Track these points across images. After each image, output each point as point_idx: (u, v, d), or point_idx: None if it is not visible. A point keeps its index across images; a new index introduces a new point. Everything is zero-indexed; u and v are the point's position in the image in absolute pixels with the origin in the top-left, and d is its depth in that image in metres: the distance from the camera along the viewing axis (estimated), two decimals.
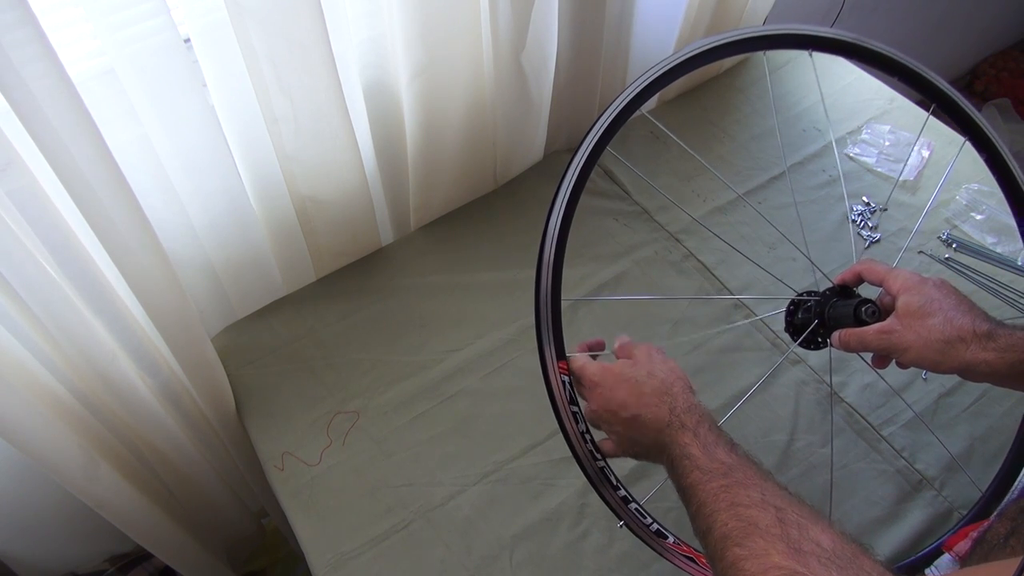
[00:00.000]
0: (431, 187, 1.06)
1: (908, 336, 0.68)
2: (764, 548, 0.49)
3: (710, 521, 0.54)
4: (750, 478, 0.56)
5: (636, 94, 0.72)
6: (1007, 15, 2.42)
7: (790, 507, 0.52)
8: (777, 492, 0.54)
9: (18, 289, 0.68)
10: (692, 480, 0.58)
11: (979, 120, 0.82)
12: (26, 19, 0.55)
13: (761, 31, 0.79)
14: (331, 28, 0.76)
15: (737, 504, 0.54)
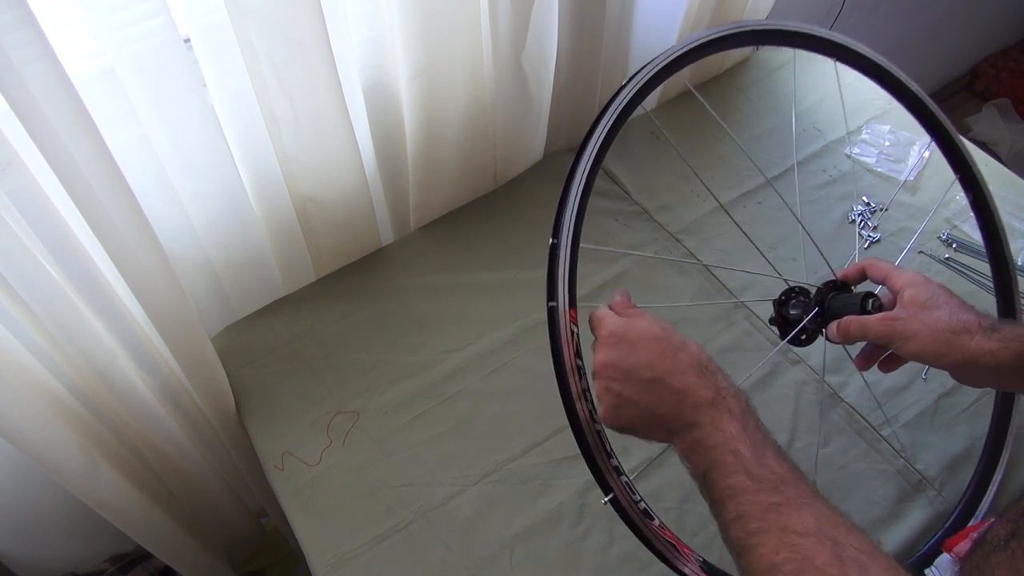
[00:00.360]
0: (431, 187, 1.06)
1: (913, 324, 0.67)
2: None
3: (753, 541, 0.49)
4: (803, 497, 0.51)
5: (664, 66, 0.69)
6: (1007, 15, 2.42)
7: (847, 540, 0.47)
8: (832, 518, 0.49)
9: (18, 288, 0.68)
10: (734, 483, 0.52)
11: (946, 123, 0.87)
12: (26, 19, 0.55)
13: (771, 25, 0.77)
14: (331, 28, 0.76)
15: (789, 530, 0.48)
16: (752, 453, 0.53)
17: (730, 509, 0.52)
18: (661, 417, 0.57)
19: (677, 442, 0.57)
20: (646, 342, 0.59)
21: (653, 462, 0.89)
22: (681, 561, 0.61)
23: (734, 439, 0.53)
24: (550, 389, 0.60)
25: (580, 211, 0.64)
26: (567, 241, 0.63)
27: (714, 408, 0.55)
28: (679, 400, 0.56)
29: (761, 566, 0.48)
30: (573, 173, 0.65)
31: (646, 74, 0.69)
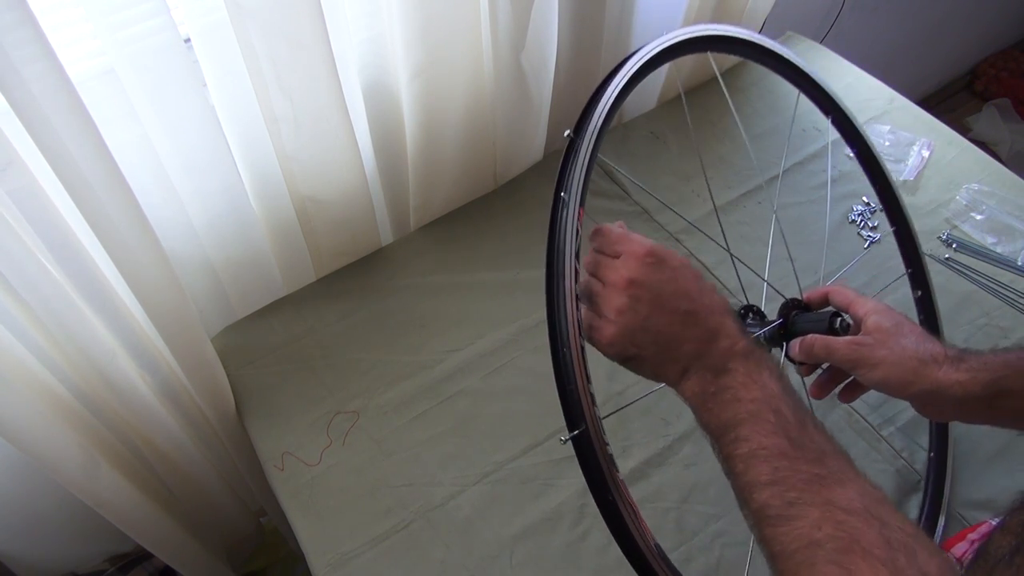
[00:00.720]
0: (431, 187, 1.06)
1: (880, 351, 0.64)
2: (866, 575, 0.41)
3: (792, 512, 0.45)
4: (847, 472, 0.47)
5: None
6: (1007, 15, 2.42)
7: (893, 521, 0.44)
8: (877, 497, 0.46)
9: (18, 288, 0.68)
10: (773, 445, 0.48)
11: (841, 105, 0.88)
12: (26, 19, 0.55)
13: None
14: (331, 28, 0.76)
15: (834, 504, 0.45)
16: (795, 417, 0.49)
17: (762, 471, 0.47)
18: (682, 353, 0.52)
19: (692, 383, 0.53)
20: (685, 273, 0.54)
21: (653, 462, 0.89)
22: (639, 532, 0.55)
23: (776, 397, 0.49)
24: (550, 389, 0.60)
25: (609, 115, 0.62)
26: (590, 139, 0.60)
27: (752, 359, 0.51)
28: (710, 340, 0.52)
29: (799, 541, 0.44)
30: (606, 83, 0.63)
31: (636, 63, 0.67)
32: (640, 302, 0.53)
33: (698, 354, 0.52)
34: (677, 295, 0.53)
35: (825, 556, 0.43)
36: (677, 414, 0.92)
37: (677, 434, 0.91)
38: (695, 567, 0.82)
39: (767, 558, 0.47)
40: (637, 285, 0.53)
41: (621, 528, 0.54)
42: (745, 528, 0.85)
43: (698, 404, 0.53)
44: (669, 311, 0.52)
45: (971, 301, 1.03)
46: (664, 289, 0.53)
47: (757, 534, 0.48)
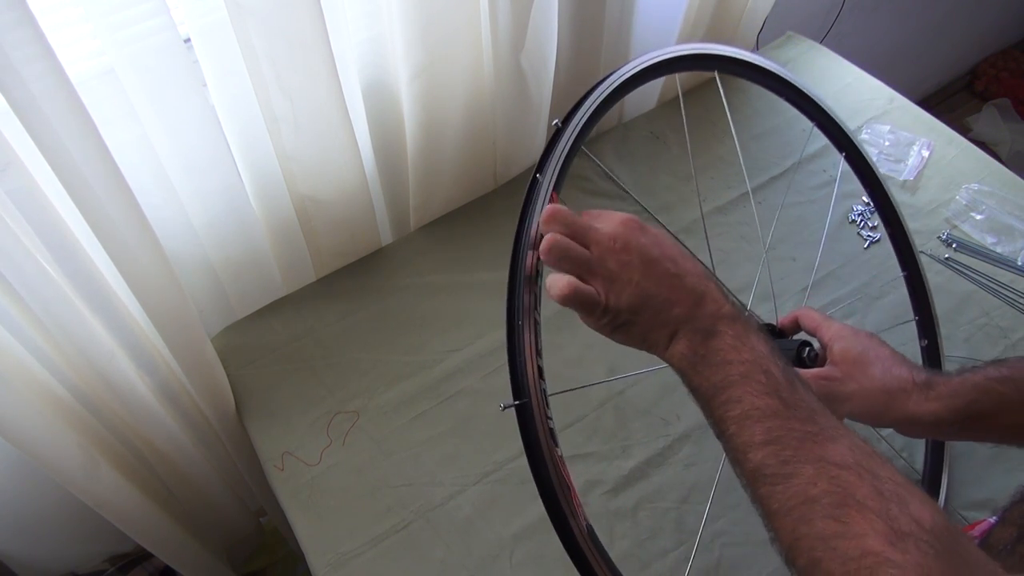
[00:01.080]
0: (431, 187, 1.06)
1: (850, 385, 0.65)
2: (862, 527, 0.43)
3: (788, 470, 0.46)
4: (838, 429, 0.48)
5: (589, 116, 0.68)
6: (1007, 15, 2.42)
7: (884, 473, 0.45)
8: (867, 451, 0.47)
9: (17, 288, 0.68)
10: (765, 405, 0.48)
11: (857, 143, 0.88)
12: (26, 19, 0.55)
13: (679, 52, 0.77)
14: (331, 28, 0.76)
15: (827, 460, 0.46)
16: (784, 377, 0.49)
17: (755, 431, 0.48)
18: (671, 317, 0.52)
19: (681, 346, 0.52)
20: (666, 239, 0.55)
21: (653, 462, 0.89)
22: (571, 511, 0.55)
23: (765, 358, 0.50)
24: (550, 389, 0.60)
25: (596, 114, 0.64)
26: (575, 127, 0.62)
27: (740, 322, 0.52)
28: (697, 302, 0.52)
29: (795, 499, 0.45)
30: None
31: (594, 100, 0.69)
32: (631, 266, 0.53)
33: (687, 317, 0.52)
34: (664, 259, 0.53)
35: (821, 511, 0.44)
36: (677, 414, 0.92)
37: (677, 434, 0.91)
38: (695, 567, 0.82)
39: (763, 516, 0.48)
40: (626, 250, 0.53)
41: (554, 505, 0.55)
42: (745, 528, 0.86)
43: (687, 367, 0.53)
44: (658, 274, 0.53)
45: (971, 301, 1.03)
46: (651, 252, 0.53)
47: (752, 493, 0.49)
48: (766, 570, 0.82)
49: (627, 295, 0.53)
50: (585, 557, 0.56)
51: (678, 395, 0.93)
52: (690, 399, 0.54)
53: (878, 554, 0.41)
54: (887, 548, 0.41)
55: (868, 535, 0.42)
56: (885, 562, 0.41)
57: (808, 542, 0.44)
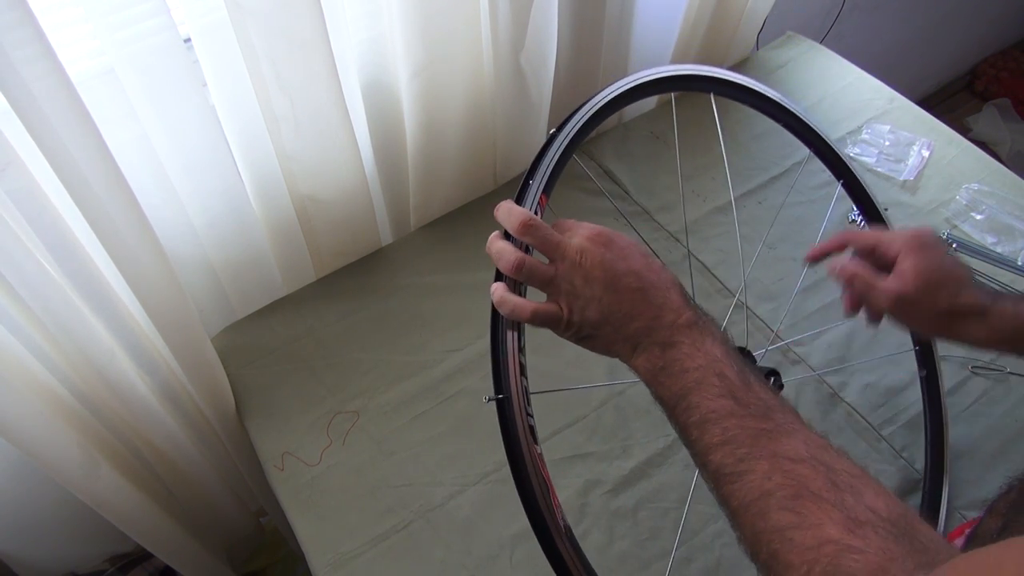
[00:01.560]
0: (431, 187, 1.06)
1: (920, 305, 0.67)
2: (818, 517, 0.43)
3: (743, 467, 0.47)
4: (793, 424, 0.49)
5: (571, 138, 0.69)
6: (1007, 15, 2.42)
7: (839, 465, 0.46)
8: (822, 444, 0.48)
9: (17, 288, 0.68)
10: (720, 407, 0.49)
11: (853, 168, 0.86)
12: (26, 19, 0.55)
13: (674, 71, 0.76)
14: (331, 27, 0.76)
15: (781, 455, 0.47)
16: (739, 378, 0.50)
17: (714, 433, 0.49)
18: (631, 331, 0.54)
19: (643, 360, 0.54)
20: (633, 252, 0.56)
21: (653, 462, 0.89)
22: (549, 509, 0.56)
23: (719, 362, 0.51)
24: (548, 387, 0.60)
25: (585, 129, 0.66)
26: (567, 135, 0.64)
27: (696, 329, 0.53)
28: (656, 316, 0.53)
29: (751, 493, 0.46)
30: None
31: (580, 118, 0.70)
32: (593, 282, 0.54)
33: (647, 330, 0.53)
34: (628, 274, 0.54)
35: (777, 503, 0.45)
36: None
37: None
38: (695, 567, 0.82)
39: (728, 517, 0.49)
40: (591, 265, 0.54)
41: (532, 504, 0.56)
42: None
43: (650, 379, 0.54)
44: (620, 289, 0.54)
45: None
46: (615, 267, 0.54)
47: (716, 495, 0.50)
48: None
49: (590, 311, 0.54)
50: (560, 555, 0.56)
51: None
52: None
53: (837, 541, 0.42)
54: (845, 535, 0.42)
55: (825, 524, 0.43)
56: (846, 548, 0.41)
57: (766, 536, 0.44)
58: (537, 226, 0.56)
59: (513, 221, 0.56)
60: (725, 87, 0.79)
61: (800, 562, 0.42)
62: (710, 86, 0.78)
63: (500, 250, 0.56)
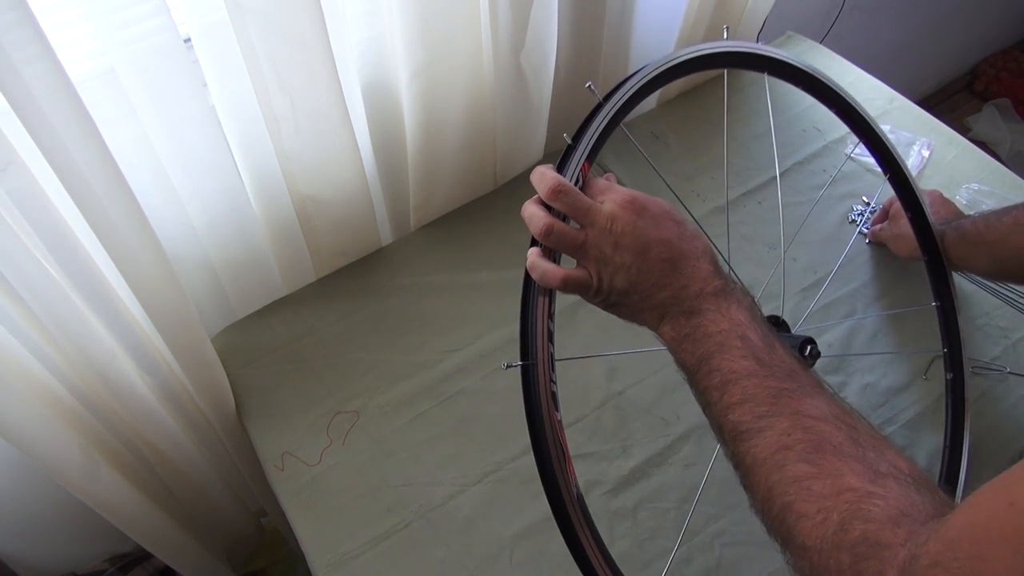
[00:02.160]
0: (431, 187, 1.06)
1: (906, 229, 0.91)
2: (837, 467, 0.42)
3: (761, 424, 0.46)
4: (816, 387, 0.48)
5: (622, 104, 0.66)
6: (1007, 15, 2.42)
7: (861, 427, 0.46)
8: (844, 409, 0.48)
9: (18, 288, 0.68)
10: (741, 367, 0.49)
11: (900, 160, 0.89)
12: (26, 19, 0.55)
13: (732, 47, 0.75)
14: (331, 27, 0.76)
15: (802, 413, 0.46)
16: (762, 341, 0.50)
17: (733, 392, 0.48)
18: (658, 300, 0.53)
19: (668, 328, 0.54)
20: (667, 220, 0.55)
21: (653, 462, 0.89)
22: (564, 475, 0.56)
23: (743, 325, 0.50)
24: None
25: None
26: (617, 103, 0.61)
27: (722, 296, 0.52)
28: (684, 285, 0.53)
29: (769, 448, 0.45)
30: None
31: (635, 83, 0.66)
32: (623, 249, 0.53)
33: (674, 299, 0.53)
34: (658, 242, 0.53)
35: (795, 456, 0.44)
36: (677, 414, 0.92)
37: (677, 434, 0.91)
38: (695, 567, 0.82)
39: (741, 479, 0.48)
40: (621, 232, 0.53)
41: (547, 469, 0.56)
42: (745, 528, 0.86)
43: (675, 347, 0.54)
44: (651, 259, 0.53)
45: (971, 301, 1.03)
46: (646, 235, 0.53)
47: (730, 454, 0.49)
48: (766, 570, 0.82)
49: (618, 278, 0.54)
50: (571, 522, 0.56)
51: (678, 395, 0.93)
52: (690, 399, 0.55)
53: (857, 489, 0.41)
54: (867, 484, 0.41)
55: (845, 474, 0.42)
56: (866, 495, 0.41)
57: (781, 487, 0.44)
58: (567, 191, 0.55)
59: (544, 186, 0.55)
60: (779, 68, 0.77)
61: (816, 510, 0.41)
62: (765, 65, 0.76)
63: (532, 215, 0.56)
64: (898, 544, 0.38)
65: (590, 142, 0.60)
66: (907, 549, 0.38)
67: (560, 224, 0.55)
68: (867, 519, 0.40)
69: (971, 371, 0.96)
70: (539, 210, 0.56)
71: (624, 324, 0.60)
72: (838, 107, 0.84)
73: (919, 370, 0.96)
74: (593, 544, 0.56)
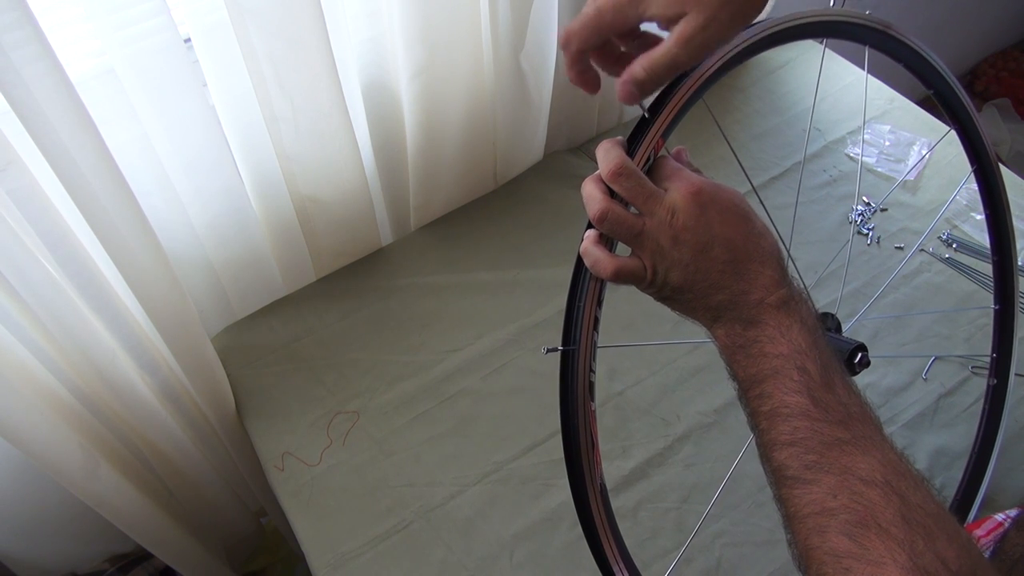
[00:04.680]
0: (431, 187, 1.06)
1: None
2: (881, 554, 0.40)
3: (808, 476, 0.44)
4: (871, 439, 0.45)
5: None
6: (1007, 15, 2.42)
7: (915, 498, 0.42)
8: (900, 469, 0.43)
9: (18, 288, 0.68)
10: (795, 403, 0.46)
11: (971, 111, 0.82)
12: (26, 19, 0.55)
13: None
14: (331, 28, 0.76)
15: (852, 473, 0.43)
16: (821, 375, 0.46)
17: (782, 430, 0.46)
18: (714, 302, 0.50)
19: (723, 333, 0.51)
20: (733, 216, 0.51)
21: (653, 462, 0.89)
22: (590, 465, 0.55)
23: (803, 354, 0.47)
24: (550, 389, 0.60)
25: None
26: (704, 74, 0.55)
27: (784, 311, 0.49)
28: (745, 291, 0.49)
29: (812, 506, 0.43)
30: None
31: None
32: (682, 245, 0.50)
33: (731, 304, 0.50)
34: (720, 241, 0.50)
35: (838, 526, 0.41)
36: (677, 414, 0.92)
37: (677, 434, 0.90)
38: (695, 567, 0.82)
39: (783, 518, 0.46)
40: (682, 227, 0.49)
41: (575, 457, 0.55)
42: (745, 528, 0.86)
43: (728, 355, 0.51)
44: (710, 258, 0.50)
45: (972, 301, 1.03)
46: (708, 232, 0.50)
47: (775, 492, 0.47)
48: (766, 570, 0.81)
49: (674, 274, 0.51)
50: (591, 513, 0.54)
51: (678, 395, 0.93)
52: (690, 399, 0.54)
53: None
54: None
55: (887, 564, 0.39)
56: None
57: (819, 555, 0.42)
58: (629, 174, 0.51)
59: (607, 166, 0.51)
60: (885, 39, 0.73)
61: None
62: (869, 36, 0.72)
63: (589, 195, 0.51)
64: None
65: (670, 115, 0.54)
66: None
67: (617, 209, 0.51)
68: None
69: (971, 372, 0.96)
70: (598, 191, 0.51)
71: (623, 320, 0.57)
72: (936, 88, 0.78)
73: (919, 370, 0.96)
74: (611, 537, 0.55)
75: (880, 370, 0.96)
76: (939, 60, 0.76)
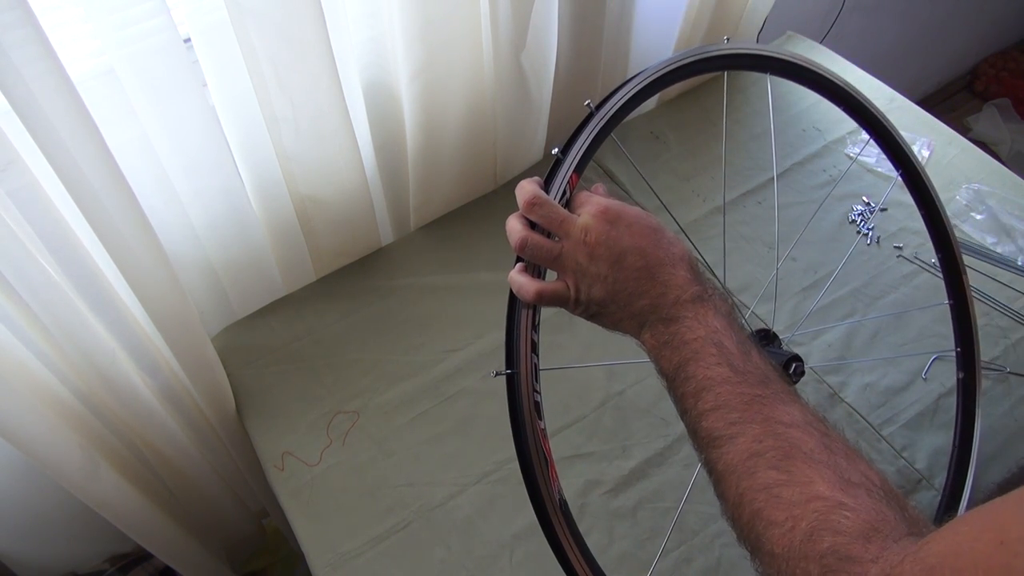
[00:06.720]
0: (431, 187, 1.06)
1: None
2: (808, 475, 0.41)
3: (734, 431, 0.46)
4: (789, 394, 0.48)
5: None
6: (1007, 15, 2.42)
7: (834, 435, 0.45)
8: (818, 417, 0.47)
9: (18, 289, 0.68)
10: (715, 374, 0.48)
11: (911, 154, 0.85)
12: (26, 19, 0.55)
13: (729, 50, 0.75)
14: (331, 28, 0.76)
15: (774, 420, 0.45)
16: (738, 348, 0.50)
17: (707, 399, 0.48)
18: (637, 308, 0.53)
19: (648, 336, 0.54)
20: (642, 228, 0.55)
21: (653, 462, 0.89)
22: (546, 482, 0.56)
23: (718, 332, 0.50)
24: (550, 389, 0.60)
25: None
26: (608, 112, 0.61)
27: (700, 303, 0.52)
28: (661, 293, 0.53)
29: (739, 455, 0.45)
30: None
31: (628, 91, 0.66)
32: (599, 260, 0.53)
33: (652, 308, 0.53)
34: (632, 251, 0.53)
35: (766, 463, 0.43)
36: (677, 414, 0.92)
37: (677, 434, 0.91)
38: (695, 567, 0.82)
39: (713, 484, 0.48)
40: (596, 243, 0.53)
41: (530, 476, 0.56)
42: None
43: (655, 355, 0.54)
44: (626, 267, 0.53)
45: None
46: (621, 244, 0.53)
47: (704, 460, 0.49)
48: None
49: (596, 288, 0.54)
50: (553, 529, 0.56)
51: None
52: None
53: (827, 498, 0.40)
54: (837, 493, 0.40)
55: (815, 481, 0.41)
56: (837, 505, 0.40)
57: (750, 495, 0.43)
58: (542, 203, 0.55)
59: (522, 199, 0.56)
60: (782, 67, 0.76)
61: (785, 518, 0.41)
62: (766, 65, 0.76)
63: (510, 228, 0.56)
64: (868, 560, 0.38)
65: (578, 154, 0.60)
66: (878, 567, 0.37)
67: (535, 237, 0.55)
68: (836, 531, 0.39)
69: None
70: (518, 223, 0.56)
71: None
72: (847, 104, 0.82)
73: (919, 370, 0.96)
74: (576, 549, 0.56)
75: (880, 370, 0.96)
76: (836, 75, 0.80)
